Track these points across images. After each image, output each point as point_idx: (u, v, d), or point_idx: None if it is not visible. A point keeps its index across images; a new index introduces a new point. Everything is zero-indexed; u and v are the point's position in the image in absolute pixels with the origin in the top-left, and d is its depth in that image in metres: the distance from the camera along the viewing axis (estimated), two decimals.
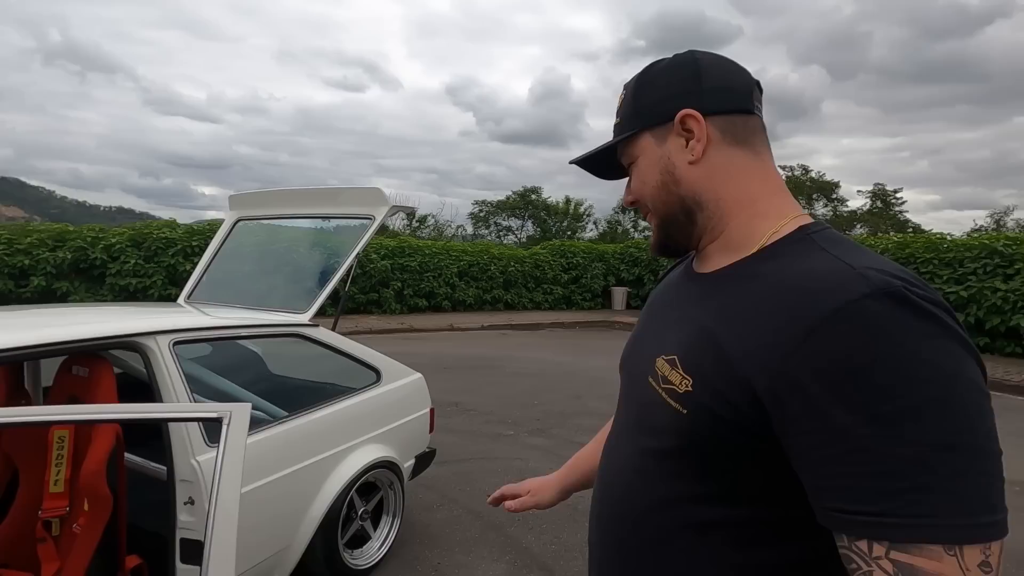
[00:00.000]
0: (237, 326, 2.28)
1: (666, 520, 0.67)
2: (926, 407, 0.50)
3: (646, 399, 0.70)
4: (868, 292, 0.54)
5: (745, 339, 0.60)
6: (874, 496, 0.51)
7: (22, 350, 1.62)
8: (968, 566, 0.49)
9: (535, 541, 2.86)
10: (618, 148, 0.78)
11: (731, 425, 0.60)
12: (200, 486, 1.85)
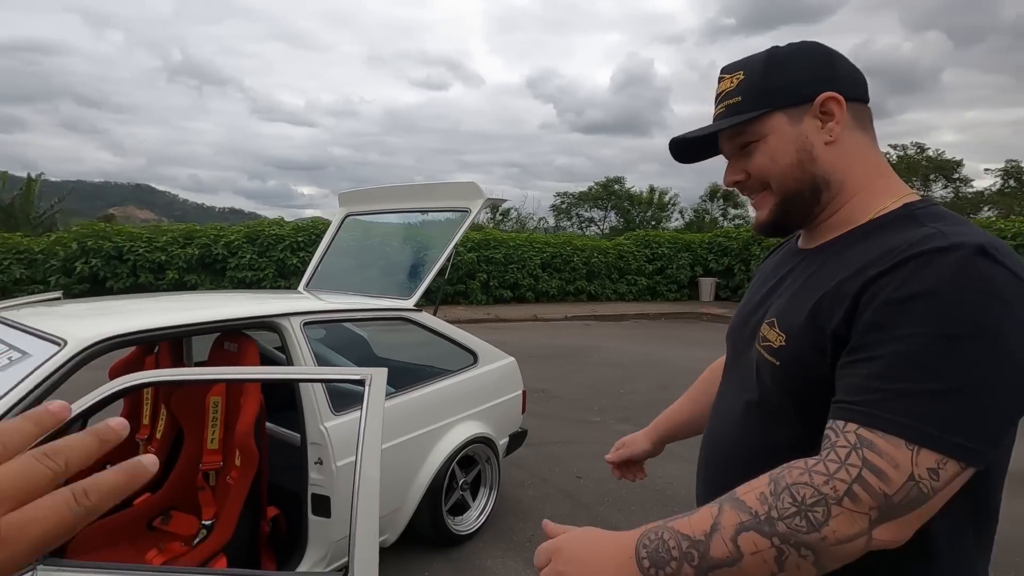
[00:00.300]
0: (353, 310, 2.55)
1: (763, 451, 0.75)
2: (973, 344, 0.58)
3: (749, 360, 0.79)
4: (947, 246, 0.60)
5: (831, 289, 0.68)
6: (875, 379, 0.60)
7: (191, 327, 1.94)
8: (918, 463, 0.56)
9: (624, 520, 2.94)
10: (729, 129, 0.79)
11: (816, 375, 0.68)
12: (327, 449, 2.11)
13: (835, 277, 0.68)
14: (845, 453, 0.59)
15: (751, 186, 0.82)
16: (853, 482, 0.57)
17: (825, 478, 0.58)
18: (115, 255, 10.64)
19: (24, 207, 18.11)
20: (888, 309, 0.60)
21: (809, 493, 0.58)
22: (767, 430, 0.76)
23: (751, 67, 0.79)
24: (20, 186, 18.56)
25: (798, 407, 0.71)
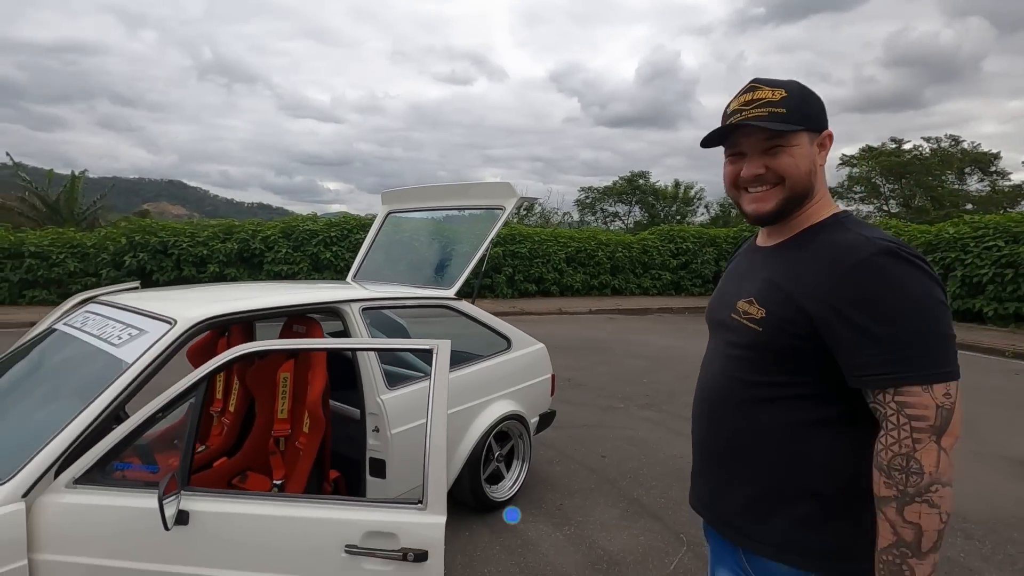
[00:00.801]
0: (403, 298, 2.86)
1: (749, 404, 1.04)
2: (911, 314, 0.88)
3: (730, 329, 1.07)
4: (876, 252, 0.90)
5: (801, 283, 0.97)
6: (883, 364, 0.89)
7: (272, 310, 2.26)
8: (936, 396, 0.87)
9: (645, 494, 3.20)
10: (773, 129, 1.00)
11: (790, 336, 0.97)
12: (383, 418, 2.42)
13: (808, 271, 0.97)
14: (895, 419, 0.89)
15: (767, 179, 1.03)
16: (913, 432, 0.88)
17: (901, 445, 0.88)
18: (160, 249, 11.22)
19: (69, 203, 18.97)
20: (862, 303, 0.90)
21: (903, 460, 0.88)
22: (748, 384, 1.03)
23: (792, 90, 1.02)
24: (65, 183, 19.42)
25: (774, 364, 1.00)
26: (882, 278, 0.89)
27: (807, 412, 0.98)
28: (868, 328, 0.89)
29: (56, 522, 1.47)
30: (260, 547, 1.39)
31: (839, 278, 0.92)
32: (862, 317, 0.90)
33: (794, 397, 0.99)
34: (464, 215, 3.70)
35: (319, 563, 1.36)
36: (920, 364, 0.88)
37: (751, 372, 1.03)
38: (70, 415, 1.63)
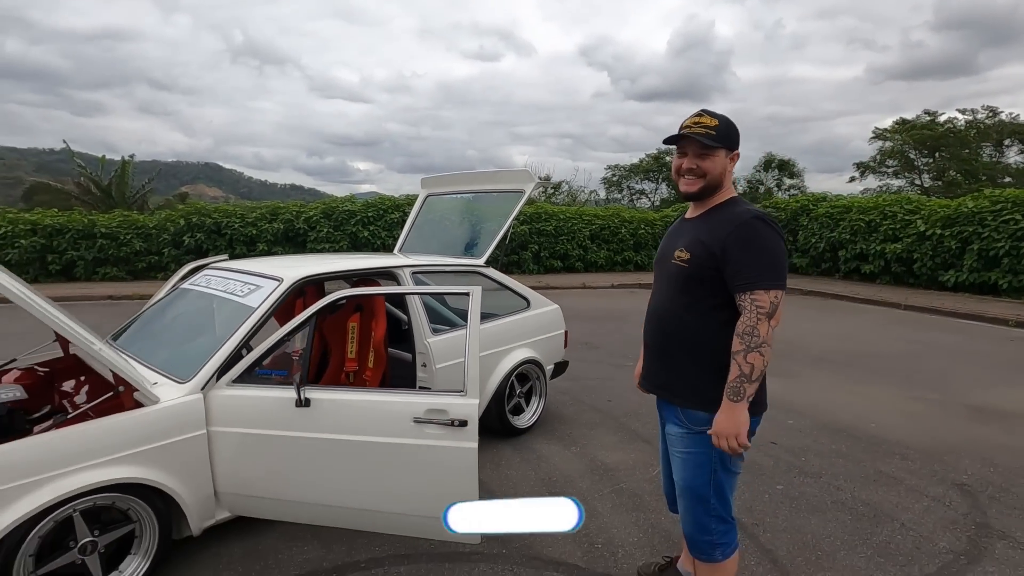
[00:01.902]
0: (443, 264, 3.56)
1: (680, 312, 1.71)
2: (765, 253, 1.56)
3: (670, 268, 1.74)
4: (751, 217, 1.57)
5: (711, 236, 1.63)
6: (746, 278, 1.55)
7: (349, 271, 3.01)
8: (770, 296, 1.54)
9: (641, 427, 3.88)
10: (707, 142, 1.65)
11: (705, 268, 1.62)
12: (429, 356, 3.14)
13: (714, 230, 1.63)
14: (748, 307, 1.55)
15: (696, 172, 1.70)
16: (757, 314, 1.53)
17: (749, 321, 1.54)
18: (215, 230, 12.23)
19: (120, 187, 20.22)
20: (740, 244, 1.56)
21: (747, 328, 1.54)
22: (680, 300, 1.71)
23: (722, 121, 1.67)
24: (116, 168, 20.68)
25: (695, 287, 1.67)
26: (750, 231, 1.58)
27: (710, 315, 1.67)
28: (740, 259, 1.57)
29: (221, 406, 2.24)
30: (359, 419, 2.13)
31: (729, 232, 1.60)
32: (738, 253, 1.57)
33: (705, 306, 1.67)
34: (490, 197, 4.38)
35: (397, 428, 2.08)
36: (764, 278, 1.56)
37: (681, 292, 1.71)
38: (223, 340, 2.40)
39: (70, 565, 1.99)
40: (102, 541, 2.05)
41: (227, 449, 2.24)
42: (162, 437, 2.12)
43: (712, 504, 1.74)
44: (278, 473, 2.22)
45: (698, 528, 1.77)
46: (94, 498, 1.99)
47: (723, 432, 1.58)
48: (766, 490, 2.99)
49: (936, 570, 2.32)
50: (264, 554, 2.39)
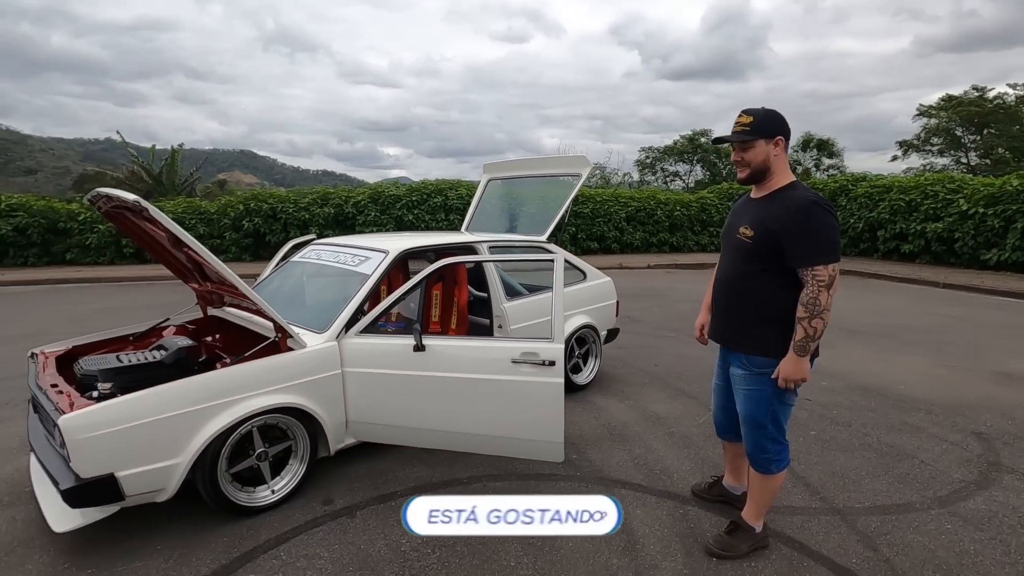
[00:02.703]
0: (511, 239, 4.05)
1: (744, 278, 2.12)
2: (822, 233, 1.93)
3: (735, 241, 2.14)
4: (808, 202, 1.95)
5: (771, 218, 2.02)
6: (806, 257, 1.93)
7: (438, 246, 3.52)
8: (828, 270, 1.91)
9: (686, 386, 4.33)
10: (743, 139, 2.03)
11: (766, 245, 2.02)
12: (505, 319, 3.65)
13: (776, 212, 2.01)
14: (810, 281, 1.91)
15: (742, 162, 2.10)
16: (817, 287, 1.91)
17: (812, 292, 1.92)
18: (271, 214, 13.00)
19: (170, 175, 21.23)
20: (799, 227, 1.93)
21: (810, 299, 1.92)
22: (743, 268, 2.11)
23: (757, 116, 2.04)
24: (165, 157, 21.67)
25: (755, 259, 2.05)
26: (807, 215, 1.91)
27: (769, 281, 2.05)
28: (800, 240, 1.92)
29: (352, 351, 2.79)
30: (466, 360, 2.65)
31: (789, 215, 1.94)
32: (798, 234, 1.92)
33: (764, 274, 2.05)
34: (546, 181, 4.83)
35: (497, 367, 2.59)
36: (822, 255, 1.89)
37: (744, 262, 2.11)
38: (347, 300, 2.94)
39: (249, 468, 2.58)
40: (271, 452, 2.64)
41: (356, 385, 2.79)
42: (310, 374, 2.68)
43: (768, 429, 2.15)
44: (397, 405, 2.77)
45: (757, 448, 2.20)
46: (265, 418, 2.57)
47: (789, 377, 2.00)
48: (800, 435, 3.42)
49: (948, 494, 2.73)
50: (383, 473, 2.95)
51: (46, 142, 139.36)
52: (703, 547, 2.30)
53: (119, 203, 2.70)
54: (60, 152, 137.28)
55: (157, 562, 2.23)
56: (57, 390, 2.44)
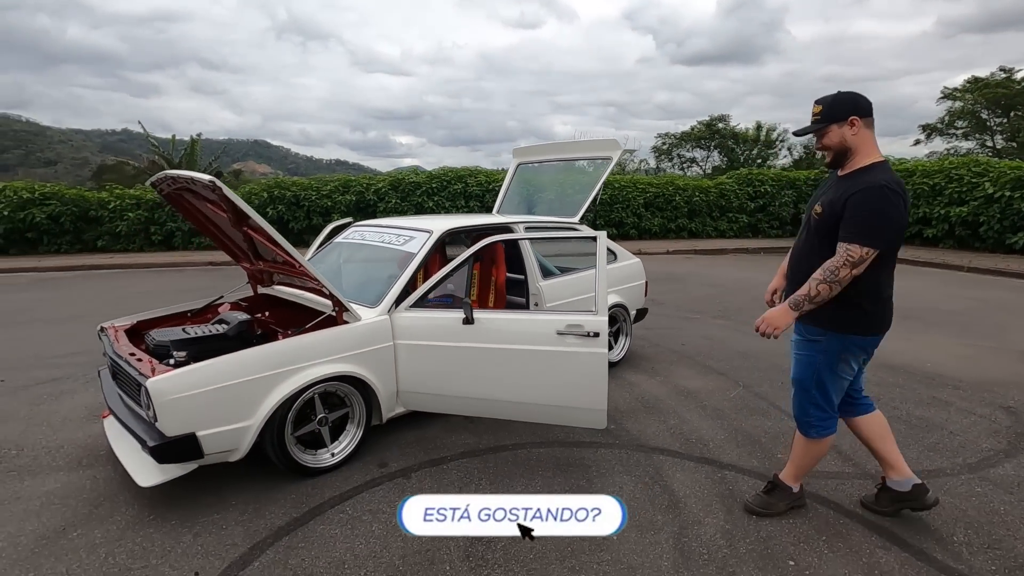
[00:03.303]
0: (548, 220, 4.17)
1: (813, 253, 2.15)
2: (873, 216, 1.95)
3: (810, 218, 2.21)
4: (877, 185, 1.99)
5: (841, 195, 2.07)
6: (848, 233, 1.98)
7: (477, 226, 3.65)
8: (862, 251, 1.95)
9: (714, 364, 4.44)
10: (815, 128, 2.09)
11: (832, 222, 2.07)
12: (541, 297, 3.78)
13: (846, 189, 2.06)
14: (842, 253, 1.96)
15: (822, 149, 2.12)
16: (845, 260, 1.95)
17: (837, 262, 1.97)
18: (294, 202, 13.22)
19: (190, 165, 21.49)
20: (855, 205, 1.97)
21: (833, 266, 2.00)
22: (813, 243, 2.17)
23: (825, 103, 2.08)
24: (185, 147, 21.91)
25: (824, 235, 2.10)
26: (867, 196, 1.94)
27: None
28: (851, 216, 1.95)
29: (402, 325, 2.94)
30: (514, 332, 2.79)
31: (852, 193, 1.97)
32: (852, 211, 1.95)
33: (828, 250, 2.04)
34: (577, 165, 4.93)
35: (543, 338, 2.73)
36: (863, 237, 1.92)
37: (814, 237, 2.15)
38: (396, 277, 3.09)
39: (311, 432, 2.75)
40: (330, 417, 2.81)
41: (407, 357, 2.95)
42: (366, 345, 2.84)
43: (812, 394, 2.22)
44: (446, 375, 2.92)
45: (801, 411, 2.28)
46: (325, 385, 2.73)
47: (768, 320, 2.08)
48: None
49: (977, 461, 2.83)
50: (431, 439, 3.12)
51: (65, 133, 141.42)
52: (743, 505, 2.43)
53: (184, 184, 2.87)
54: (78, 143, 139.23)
55: (234, 515, 2.42)
56: (136, 358, 2.62)
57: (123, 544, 2.23)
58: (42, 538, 2.28)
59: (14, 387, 4.04)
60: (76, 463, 2.90)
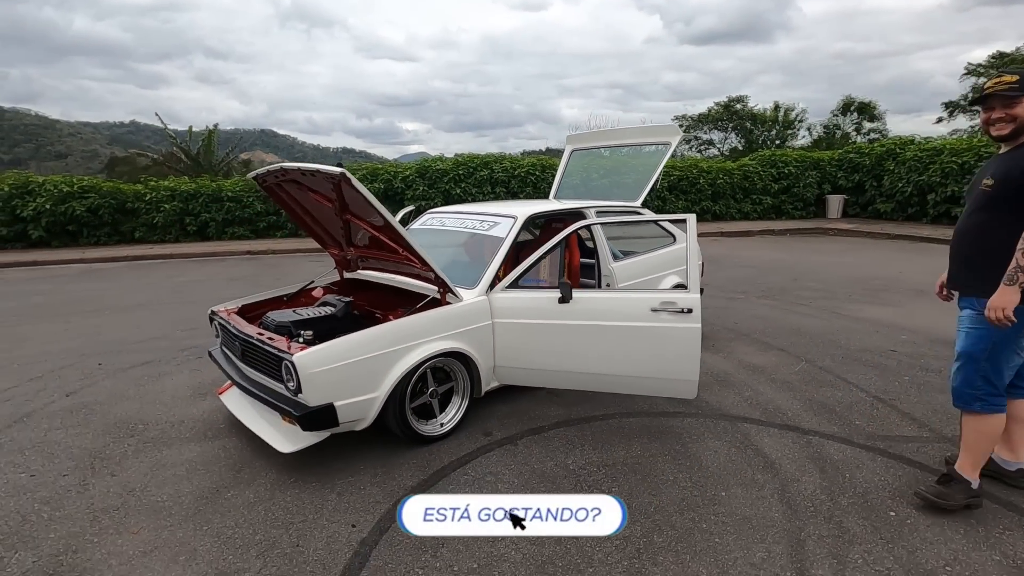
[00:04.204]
0: (613, 205, 4.34)
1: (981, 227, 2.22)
2: None
3: (976, 194, 2.29)
4: None
5: (1014, 165, 2.14)
6: None
7: (556, 211, 3.84)
8: None
9: (772, 340, 4.63)
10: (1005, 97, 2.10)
11: (1006, 190, 2.13)
12: (614, 278, 3.96)
13: (1019, 159, 2.12)
14: None
15: (1006, 119, 2.11)
16: None
17: None
18: None
19: (207, 155, 21.53)
20: None
21: None
22: (980, 217, 2.24)
23: (1021, 74, 2.12)
24: (202, 138, 21.90)
25: (993, 206, 2.19)
26: None
27: (1006, 228, 2.08)
28: None
29: (500, 305, 3.14)
30: (610, 310, 2.99)
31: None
32: None
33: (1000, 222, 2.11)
34: (631, 151, 5.09)
35: (639, 314, 2.92)
36: None
37: (981, 211, 2.21)
38: (489, 260, 3.29)
39: (421, 405, 2.98)
40: (439, 390, 3.04)
41: (504, 334, 3.16)
42: (469, 323, 3.05)
43: (983, 365, 2.19)
44: (542, 351, 3.12)
45: (965, 383, 2.24)
46: (435, 360, 2.95)
47: (995, 306, 2.04)
48: (895, 380, 3.70)
49: None
50: (524, 411, 3.34)
51: (74, 126, 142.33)
52: (914, 493, 2.37)
53: (291, 176, 3.07)
54: (88, 136, 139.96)
55: (366, 478, 2.66)
56: (268, 337, 2.85)
57: (276, 502, 2.48)
58: (201, 498, 2.53)
59: (113, 370, 4.31)
60: (201, 435, 3.16)
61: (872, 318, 5.28)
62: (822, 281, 7.01)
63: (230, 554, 2.16)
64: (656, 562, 2.04)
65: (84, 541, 2.25)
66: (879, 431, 3.00)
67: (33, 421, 3.39)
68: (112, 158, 37.92)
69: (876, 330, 4.88)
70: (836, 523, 2.23)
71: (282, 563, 2.10)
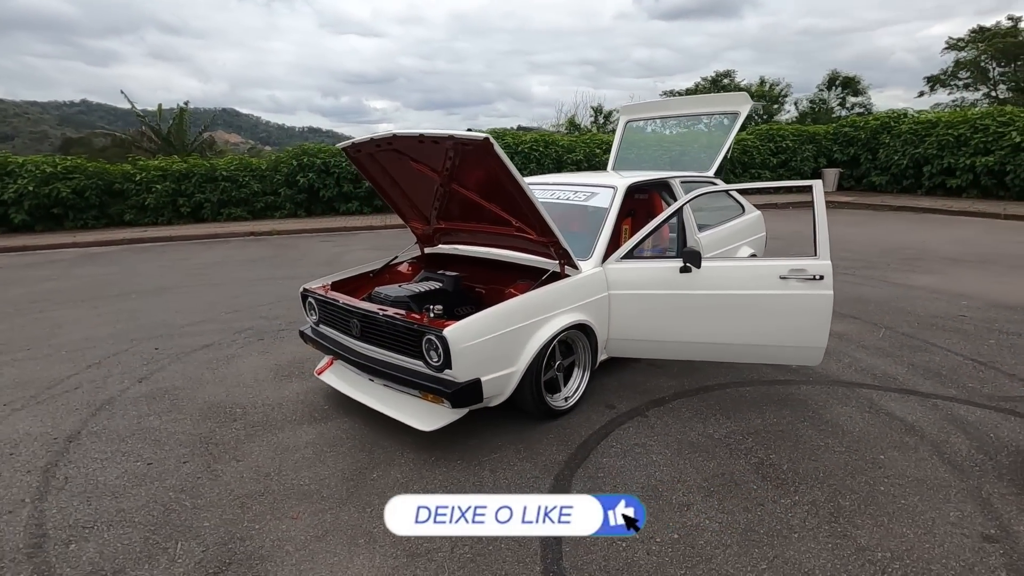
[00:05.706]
0: (691, 174, 4.28)
1: None
2: None
3: None
4: None
5: None
6: None
7: (653, 180, 3.77)
8: None
9: (840, 310, 4.67)
10: None
11: None
12: (699, 247, 3.91)
13: None
14: None
15: None
16: None
17: None
18: (324, 169, 13.03)
19: (179, 135, 20.43)
20: None
21: None
22: None
23: None
24: (173, 117, 20.70)
25: None
26: None
27: None
28: None
29: (616, 276, 3.07)
30: (737, 279, 2.95)
31: None
32: None
33: None
34: (695, 121, 5.02)
35: (768, 282, 2.89)
36: None
37: None
38: (598, 231, 3.21)
39: (549, 379, 2.91)
40: (564, 363, 2.97)
41: (620, 305, 3.09)
42: (591, 295, 2.98)
43: None
44: (660, 321, 3.07)
45: None
46: (563, 333, 2.88)
47: None
48: (982, 344, 3.78)
49: None
50: (636, 384, 3.30)
51: (20, 106, 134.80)
52: None
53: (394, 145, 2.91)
54: (36, 116, 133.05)
55: (509, 453, 2.59)
56: (396, 312, 2.72)
57: (429, 481, 2.40)
58: (347, 480, 2.43)
59: (175, 354, 4.11)
60: (309, 417, 3.03)
61: (923, 286, 5.39)
62: (853, 251, 7.13)
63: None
64: (855, 524, 2.04)
65: (244, 528, 2.14)
66: (997, 392, 3.06)
67: (117, 408, 3.21)
68: (66, 139, 35.86)
69: (936, 297, 4.98)
70: (1010, 480, 2.26)
71: (473, 541, 2.03)
